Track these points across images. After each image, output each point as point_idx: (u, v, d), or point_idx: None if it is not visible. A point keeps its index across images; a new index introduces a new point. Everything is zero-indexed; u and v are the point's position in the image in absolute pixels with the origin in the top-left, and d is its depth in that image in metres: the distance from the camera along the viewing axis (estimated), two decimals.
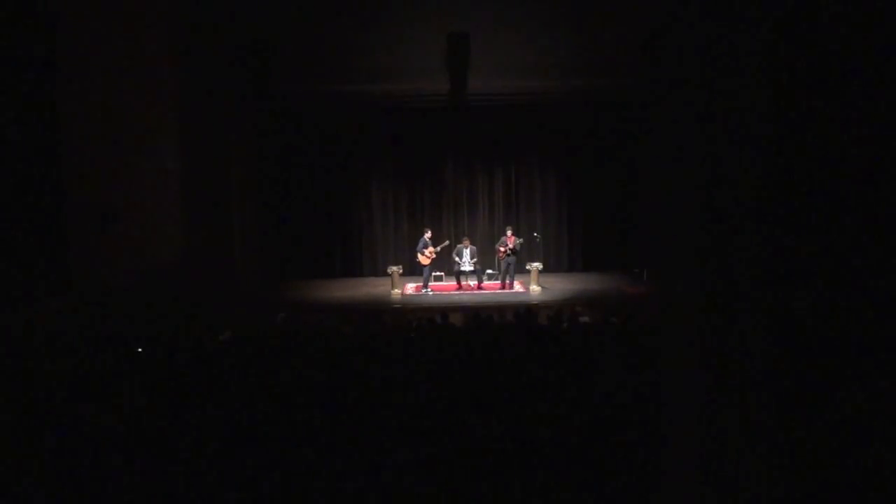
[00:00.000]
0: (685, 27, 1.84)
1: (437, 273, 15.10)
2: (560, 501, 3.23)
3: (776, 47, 1.57)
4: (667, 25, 1.89)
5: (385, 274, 14.91)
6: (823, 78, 1.54)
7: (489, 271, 15.29)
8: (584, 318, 8.96)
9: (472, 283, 14.66)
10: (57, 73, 9.26)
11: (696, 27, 1.79)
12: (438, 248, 14.50)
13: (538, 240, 15.73)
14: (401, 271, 14.74)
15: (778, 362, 1.61)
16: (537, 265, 14.61)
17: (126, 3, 11.00)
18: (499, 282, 14.81)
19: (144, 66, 11.13)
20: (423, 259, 14.41)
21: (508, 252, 14.42)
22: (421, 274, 14.58)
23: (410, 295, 14.41)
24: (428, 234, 14.60)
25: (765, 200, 1.61)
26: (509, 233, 14.64)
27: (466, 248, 14.52)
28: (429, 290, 14.39)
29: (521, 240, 14.69)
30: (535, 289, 14.35)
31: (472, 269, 14.50)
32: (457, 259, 14.58)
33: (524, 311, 8.14)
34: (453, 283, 14.77)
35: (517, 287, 14.61)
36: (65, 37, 9.41)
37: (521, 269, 15.10)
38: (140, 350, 6.25)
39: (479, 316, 7.72)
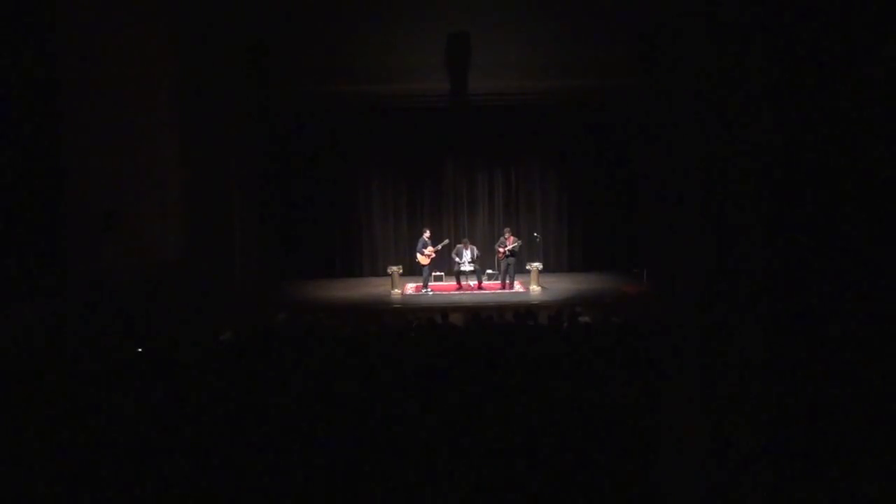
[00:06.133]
0: (685, 26, 1.84)
1: (437, 273, 15.09)
2: (559, 502, 3.23)
3: (776, 46, 1.57)
4: (666, 24, 1.89)
5: (385, 274, 14.90)
6: (824, 78, 1.54)
7: (489, 271, 15.28)
8: (584, 318, 8.95)
9: (472, 283, 14.65)
10: (57, 72, 9.26)
11: (695, 26, 1.79)
12: (438, 247, 14.49)
13: (538, 240, 15.72)
14: (401, 271, 14.72)
15: (777, 362, 1.61)
16: (537, 265, 14.59)
17: (126, 3, 10.99)
18: (499, 282, 14.80)
19: (144, 66, 11.13)
20: (423, 259, 14.40)
21: (507, 253, 14.41)
22: (421, 274, 14.58)
23: (410, 295, 14.41)
24: (427, 234, 14.59)
25: (764, 200, 1.60)
26: (507, 233, 14.62)
27: (466, 248, 14.51)
28: (429, 290, 14.38)
29: (520, 242, 14.66)
30: (535, 289, 14.34)
31: (471, 269, 14.49)
32: (457, 259, 14.57)
33: (524, 311, 8.14)
34: (453, 283, 14.76)
35: (517, 287, 14.60)
36: (65, 36, 9.40)
37: (521, 269, 15.08)
38: (140, 350, 6.24)
39: (479, 316, 7.72)
